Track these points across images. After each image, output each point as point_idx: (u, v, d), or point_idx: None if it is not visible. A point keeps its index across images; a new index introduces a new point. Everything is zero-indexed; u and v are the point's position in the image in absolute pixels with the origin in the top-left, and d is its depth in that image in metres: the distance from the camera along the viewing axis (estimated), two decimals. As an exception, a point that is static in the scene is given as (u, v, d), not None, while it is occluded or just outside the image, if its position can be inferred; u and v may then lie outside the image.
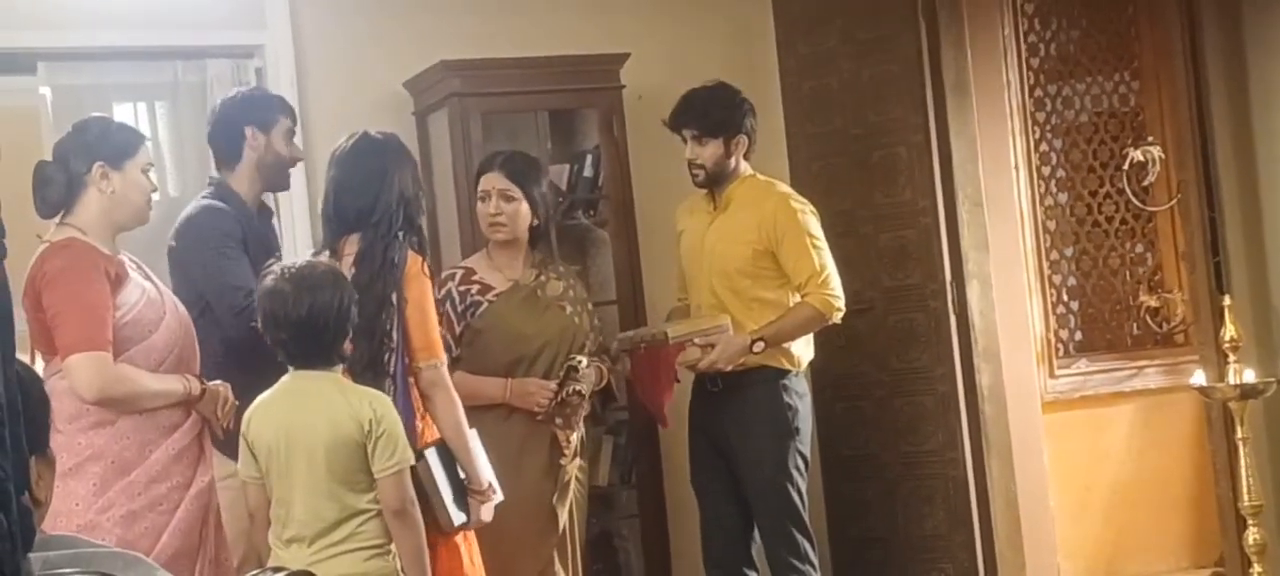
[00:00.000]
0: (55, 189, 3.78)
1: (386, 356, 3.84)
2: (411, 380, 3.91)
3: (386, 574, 3.57)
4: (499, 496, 4.06)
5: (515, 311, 4.55)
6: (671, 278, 5.25)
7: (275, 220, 4.67)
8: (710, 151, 4.81)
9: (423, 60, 5.28)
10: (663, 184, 5.34)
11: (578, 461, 4.66)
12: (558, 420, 4.52)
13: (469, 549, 3.99)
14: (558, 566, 4.54)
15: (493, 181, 4.57)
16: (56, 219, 3.82)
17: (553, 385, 4.50)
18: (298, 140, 4.41)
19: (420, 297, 3.92)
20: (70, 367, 3.66)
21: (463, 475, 3.92)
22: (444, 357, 3.97)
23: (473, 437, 4.03)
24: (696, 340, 4.72)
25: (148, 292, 3.85)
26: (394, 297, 3.85)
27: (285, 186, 4.39)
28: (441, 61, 5.22)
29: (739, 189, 4.85)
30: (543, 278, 4.63)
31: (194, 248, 4.18)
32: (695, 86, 4.89)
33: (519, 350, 4.54)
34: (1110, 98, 5.85)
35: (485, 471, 3.98)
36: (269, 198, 4.52)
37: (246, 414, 3.65)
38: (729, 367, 4.71)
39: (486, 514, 3.97)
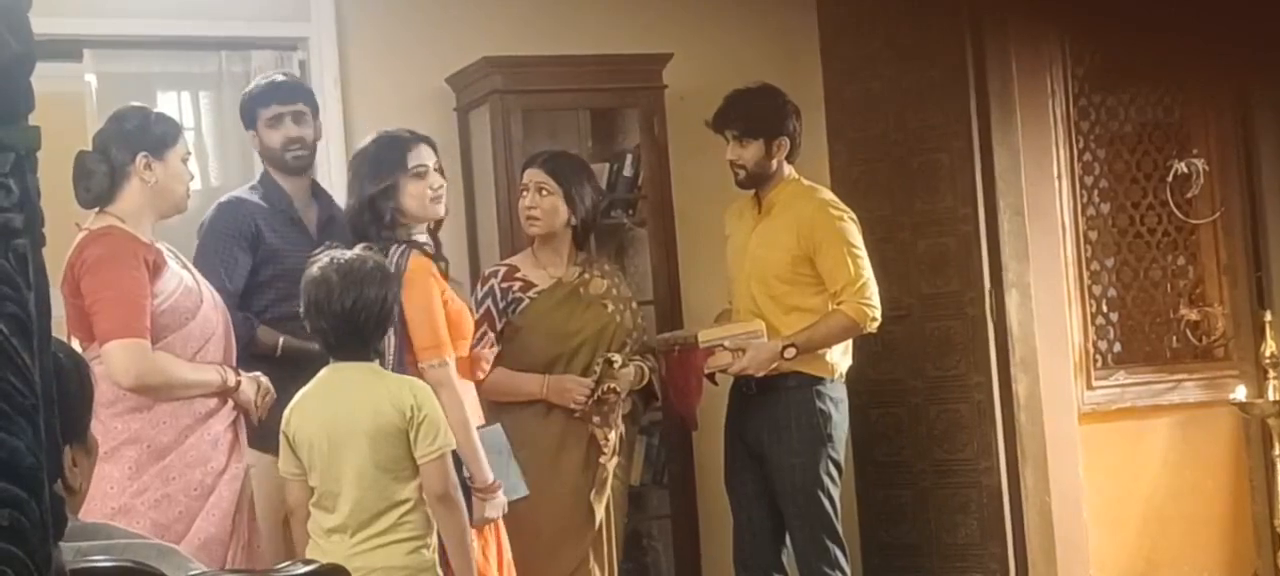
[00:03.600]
0: (98, 180, 3.81)
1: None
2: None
3: (427, 566, 3.58)
4: (518, 493, 4.08)
5: (556, 309, 4.57)
6: (709, 278, 5.25)
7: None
8: (751, 153, 4.81)
9: (465, 56, 5.30)
10: (703, 185, 5.34)
11: (616, 459, 4.67)
12: (595, 418, 4.53)
13: (485, 546, 4.00)
14: (593, 563, 4.55)
15: (532, 176, 4.60)
16: (95, 208, 3.86)
17: (590, 382, 4.51)
18: (292, 126, 4.48)
19: (423, 297, 3.94)
20: (107, 354, 3.70)
21: (467, 474, 3.93)
22: (451, 357, 3.98)
23: (495, 433, 4.07)
24: (727, 344, 4.72)
25: (185, 281, 3.89)
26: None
27: (299, 168, 4.51)
28: (484, 58, 5.24)
29: (781, 193, 4.84)
30: (587, 275, 4.64)
31: (203, 238, 4.41)
32: (739, 87, 4.89)
33: (558, 347, 4.55)
34: (1155, 108, 5.81)
35: (489, 471, 3.99)
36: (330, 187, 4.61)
37: (286, 410, 3.67)
38: (761, 373, 4.71)
39: (492, 511, 3.98)
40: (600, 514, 4.59)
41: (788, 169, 4.86)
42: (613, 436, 4.60)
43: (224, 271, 4.24)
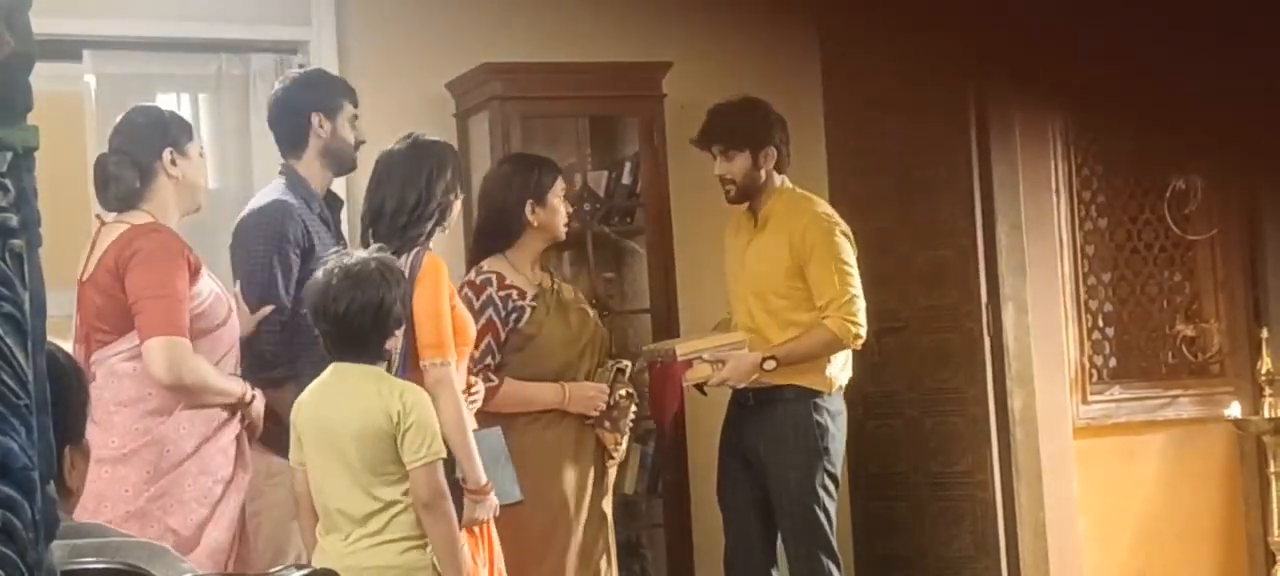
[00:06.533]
0: (126, 181, 3.84)
1: None
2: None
3: (422, 566, 3.59)
4: (511, 498, 4.07)
5: (556, 317, 4.54)
6: (706, 287, 5.26)
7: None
8: (738, 166, 4.79)
9: (465, 62, 5.30)
10: (701, 194, 5.33)
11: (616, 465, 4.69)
12: (606, 423, 4.53)
13: (474, 549, 4.00)
14: (607, 568, 4.56)
15: (564, 187, 4.61)
16: (118, 209, 3.87)
17: (607, 388, 4.51)
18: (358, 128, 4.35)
19: (430, 296, 3.94)
20: (150, 350, 3.72)
21: (460, 475, 3.93)
22: (451, 356, 3.97)
23: (493, 436, 4.07)
24: (706, 356, 4.71)
25: (214, 287, 3.93)
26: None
27: (353, 167, 4.36)
28: (484, 64, 5.23)
29: (776, 204, 4.82)
30: (556, 283, 4.64)
31: (253, 237, 4.16)
32: (720, 101, 4.86)
33: (568, 354, 4.53)
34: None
35: (482, 472, 3.98)
36: (339, 186, 4.49)
37: (297, 401, 3.71)
38: (741, 385, 4.70)
39: (481, 512, 3.97)
40: (610, 519, 4.61)
41: (778, 179, 4.83)
42: (624, 443, 4.60)
43: (282, 278, 4.08)
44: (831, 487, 4.77)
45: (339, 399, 3.61)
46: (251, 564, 3.90)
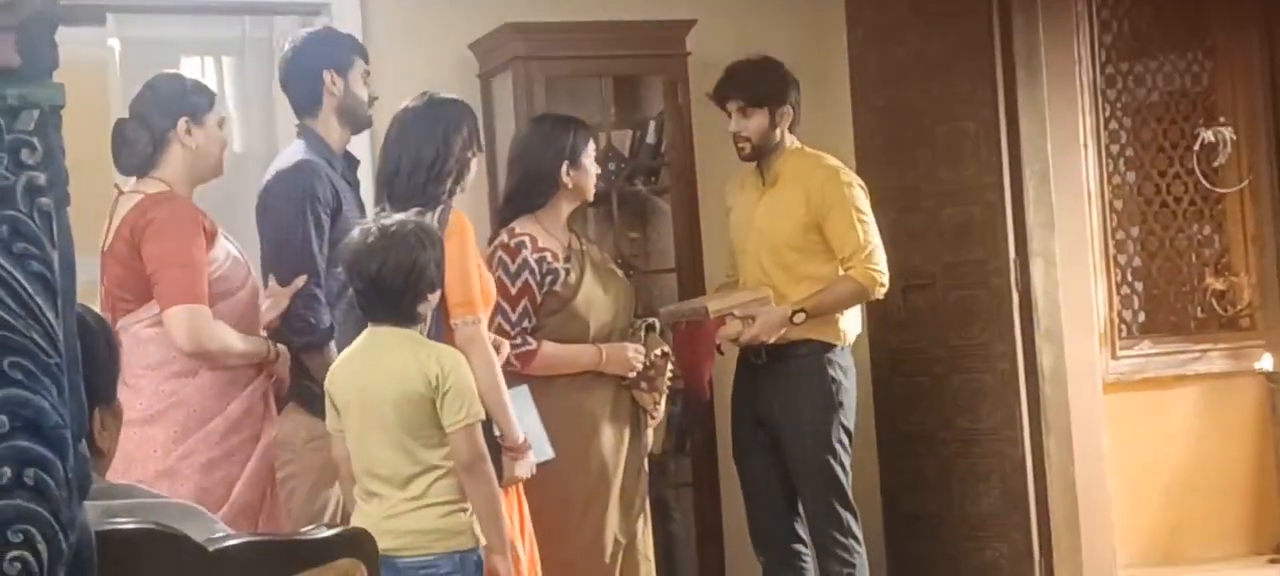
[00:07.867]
0: (140, 146, 3.85)
1: None
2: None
3: (463, 529, 3.59)
4: (543, 456, 4.07)
5: (590, 278, 4.53)
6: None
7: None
8: (755, 123, 4.80)
9: (488, 22, 5.28)
10: (725, 153, 5.30)
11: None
12: (643, 383, 4.52)
13: (507, 506, 4.00)
14: (641, 527, 4.57)
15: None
16: (134, 174, 3.88)
17: (643, 349, 4.51)
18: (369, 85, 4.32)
19: (459, 254, 3.91)
20: (170, 318, 3.73)
21: (497, 433, 3.92)
22: (482, 314, 3.96)
23: (521, 394, 4.06)
24: (736, 313, 4.72)
25: (231, 251, 3.93)
26: None
27: (368, 124, 4.33)
28: (506, 24, 5.22)
29: (787, 163, 4.83)
30: (584, 244, 4.62)
31: (281, 202, 4.10)
32: (738, 59, 4.85)
33: (605, 315, 4.52)
34: (1182, 77, 5.78)
35: (519, 430, 3.98)
36: (354, 146, 4.47)
37: (331, 368, 3.71)
38: (771, 339, 4.70)
39: (521, 471, 3.98)
40: (646, 479, 4.62)
41: (790, 138, 4.85)
42: (662, 403, 4.59)
43: (315, 239, 4.04)
44: (847, 441, 4.79)
45: (376, 363, 3.60)
46: (281, 524, 3.91)
